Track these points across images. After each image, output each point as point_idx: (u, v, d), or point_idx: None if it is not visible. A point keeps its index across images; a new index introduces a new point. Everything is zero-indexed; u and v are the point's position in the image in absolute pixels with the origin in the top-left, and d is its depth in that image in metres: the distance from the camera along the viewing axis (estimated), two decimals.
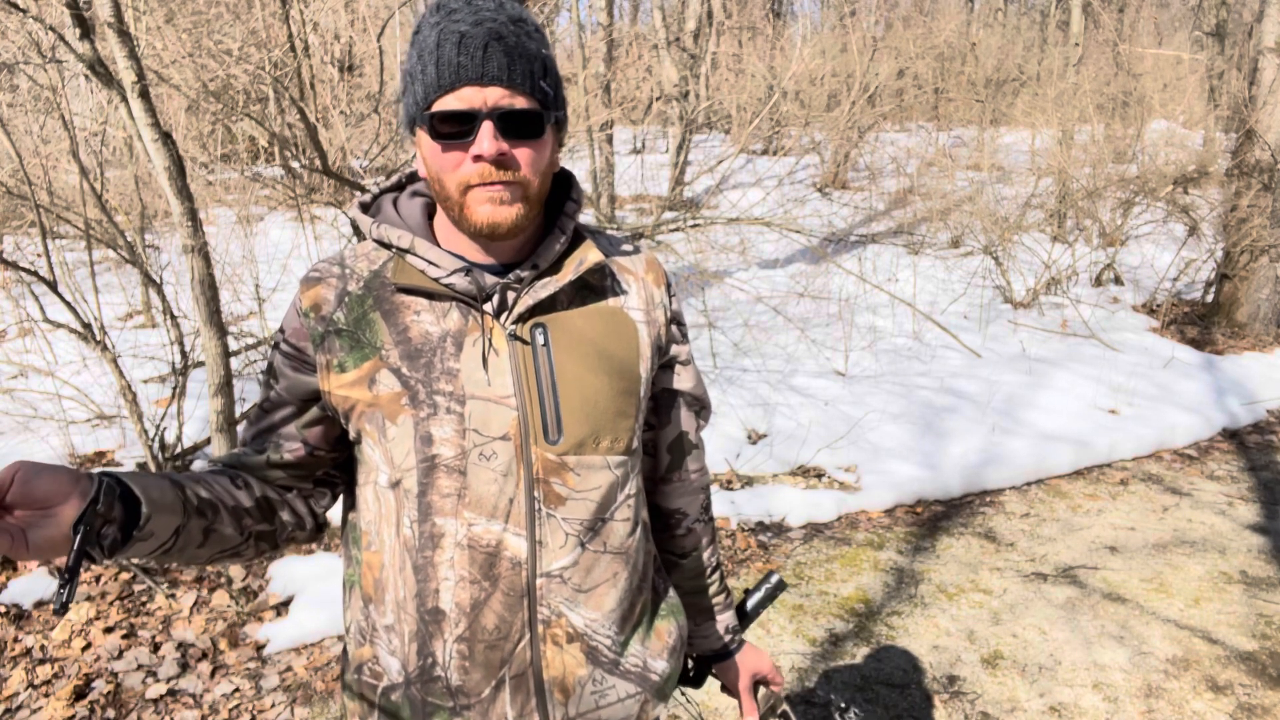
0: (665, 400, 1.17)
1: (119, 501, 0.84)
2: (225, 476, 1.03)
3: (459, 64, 0.90)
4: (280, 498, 1.08)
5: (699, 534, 1.26)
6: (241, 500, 1.02)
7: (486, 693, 1.01)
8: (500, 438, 0.97)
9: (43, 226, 3.81)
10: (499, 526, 0.98)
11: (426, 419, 0.97)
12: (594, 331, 1.03)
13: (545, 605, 1.00)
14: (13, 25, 4.33)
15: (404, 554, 1.00)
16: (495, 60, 0.91)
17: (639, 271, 1.11)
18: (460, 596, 0.98)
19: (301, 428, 1.05)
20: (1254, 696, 2.65)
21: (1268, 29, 6.40)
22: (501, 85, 0.91)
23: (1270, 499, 4.03)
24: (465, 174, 0.93)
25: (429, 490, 0.98)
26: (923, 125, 12.96)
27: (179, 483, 0.94)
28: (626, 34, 13.42)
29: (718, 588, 1.30)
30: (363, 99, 6.88)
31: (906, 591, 3.24)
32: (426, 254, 0.99)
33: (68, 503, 0.79)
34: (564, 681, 1.02)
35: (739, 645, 1.32)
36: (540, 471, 0.98)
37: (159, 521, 0.88)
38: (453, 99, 0.91)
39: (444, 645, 1.00)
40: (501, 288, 0.99)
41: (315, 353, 1.01)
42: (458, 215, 0.96)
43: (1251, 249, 6.31)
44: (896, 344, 5.90)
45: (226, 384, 3.00)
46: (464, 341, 0.98)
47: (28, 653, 2.77)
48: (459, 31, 0.91)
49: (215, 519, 0.97)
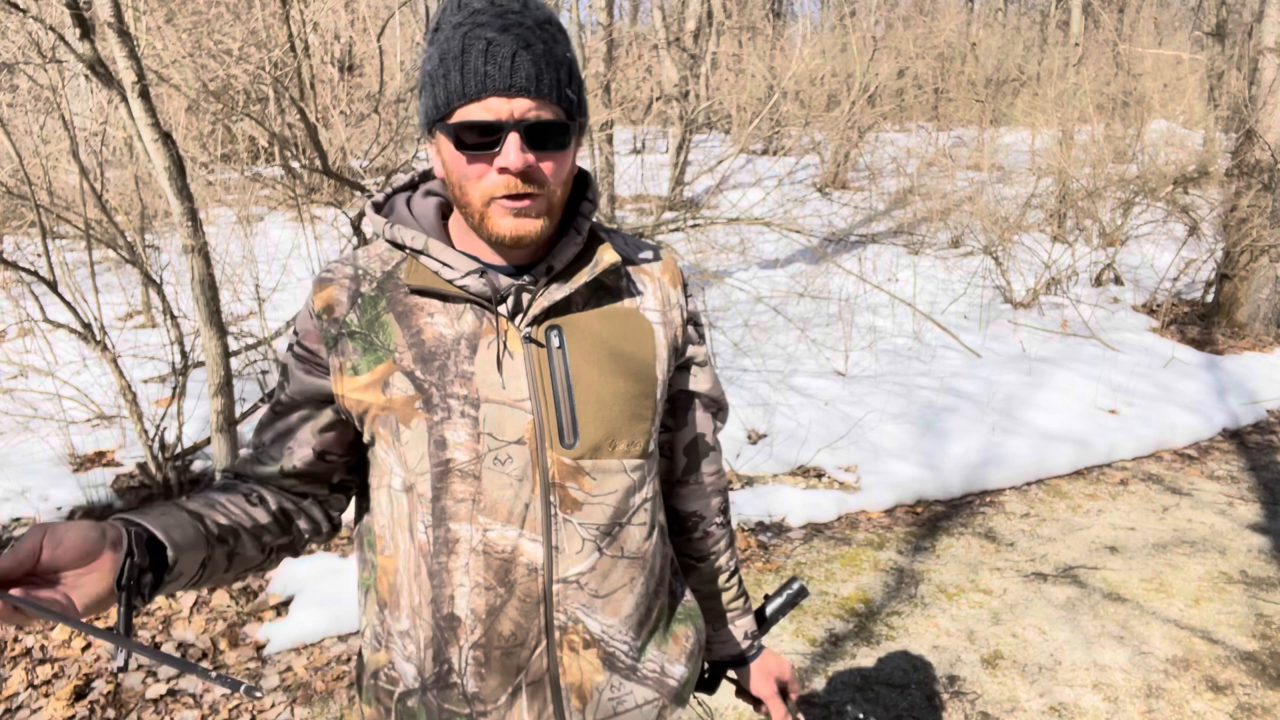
0: (682, 402, 1.15)
1: (146, 549, 0.83)
2: (239, 494, 1.02)
3: (486, 73, 0.88)
4: (296, 506, 1.07)
5: (716, 537, 1.24)
6: (259, 518, 1.01)
7: (503, 699, 1.00)
8: (515, 442, 0.96)
9: (43, 226, 3.81)
10: (514, 532, 0.96)
11: (440, 423, 0.96)
12: (609, 333, 1.02)
13: (562, 611, 0.99)
14: (13, 25, 4.33)
15: (419, 559, 0.99)
16: (523, 70, 0.88)
17: (655, 272, 1.10)
18: (476, 603, 0.97)
19: (316, 432, 1.04)
20: (1254, 696, 2.65)
21: (1268, 29, 6.40)
22: (529, 96, 0.88)
23: (1270, 499, 4.03)
24: (490, 185, 0.91)
25: (443, 495, 0.97)
26: (923, 125, 12.97)
27: (198, 514, 0.94)
28: (626, 34, 13.42)
29: (736, 592, 1.27)
30: (363, 99, 6.89)
31: (906, 591, 3.24)
32: (440, 255, 0.97)
33: (101, 558, 0.78)
34: (581, 688, 1.01)
35: (758, 651, 1.29)
36: (556, 476, 0.97)
37: (185, 561, 0.88)
38: (478, 108, 0.89)
39: (460, 652, 0.99)
40: (516, 290, 0.97)
41: (328, 355, 0.99)
42: (478, 223, 0.94)
43: (1251, 249, 6.31)
44: (896, 344, 5.90)
45: (226, 384, 3.00)
46: (478, 344, 0.97)
47: (28, 653, 2.76)
48: (486, 38, 0.88)
49: (237, 544, 0.97)
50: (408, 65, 7.37)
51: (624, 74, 10.58)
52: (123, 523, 0.83)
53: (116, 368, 3.56)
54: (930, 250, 7.93)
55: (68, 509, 3.56)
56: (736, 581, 1.28)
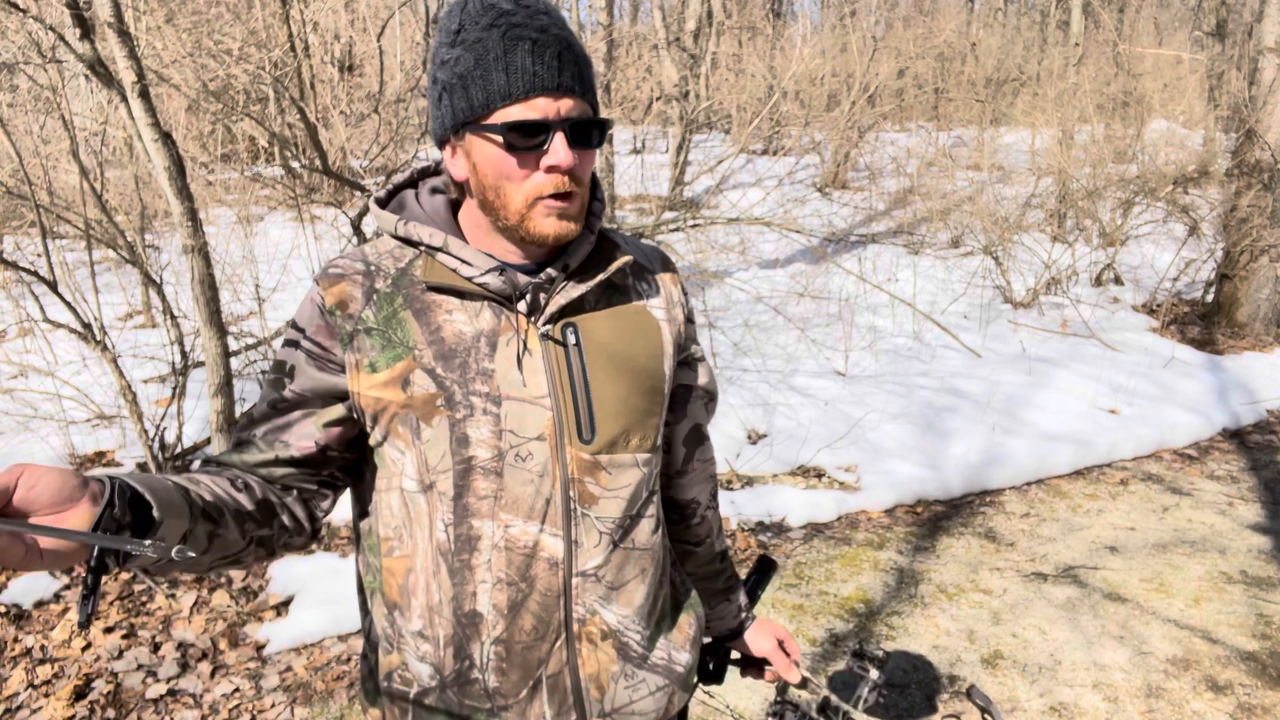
0: (681, 395, 1.18)
1: (129, 506, 0.79)
2: (224, 478, 0.99)
3: (535, 72, 0.88)
4: (280, 500, 1.03)
5: (710, 521, 1.29)
6: (243, 503, 0.97)
7: (524, 693, 1.01)
8: (536, 438, 0.97)
9: (43, 226, 3.81)
10: (535, 527, 0.98)
11: (463, 420, 0.96)
12: (621, 331, 1.04)
13: (580, 604, 1.01)
14: (13, 25, 4.33)
15: (438, 558, 0.99)
16: (569, 70, 0.90)
17: (658, 271, 1.12)
18: (498, 599, 0.98)
19: (321, 427, 1.01)
20: (1254, 696, 2.65)
21: (1268, 29, 6.40)
22: (573, 95, 0.91)
23: (1271, 499, 4.03)
24: (536, 185, 0.92)
25: (465, 493, 0.97)
26: (923, 125, 12.96)
27: (182, 486, 0.90)
28: (626, 34, 13.41)
29: (729, 571, 1.33)
30: (363, 99, 6.89)
31: (906, 591, 3.24)
32: (460, 253, 0.97)
33: (77, 506, 0.73)
34: (599, 679, 1.04)
35: (752, 619, 1.35)
36: (575, 471, 0.99)
37: (169, 526, 0.83)
38: (524, 108, 0.89)
39: (481, 648, 1.00)
40: (534, 288, 0.98)
41: (344, 352, 0.98)
42: (515, 224, 0.94)
43: (1251, 249, 6.31)
44: (896, 344, 5.90)
45: (226, 384, 3.00)
46: (497, 341, 0.97)
47: (28, 653, 2.76)
48: (530, 38, 0.88)
49: (220, 523, 0.93)
50: (408, 65, 7.36)
51: (624, 74, 10.58)
52: (106, 477, 0.79)
53: (116, 368, 3.56)
54: (930, 250, 7.93)
55: None
56: (729, 563, 1.33)
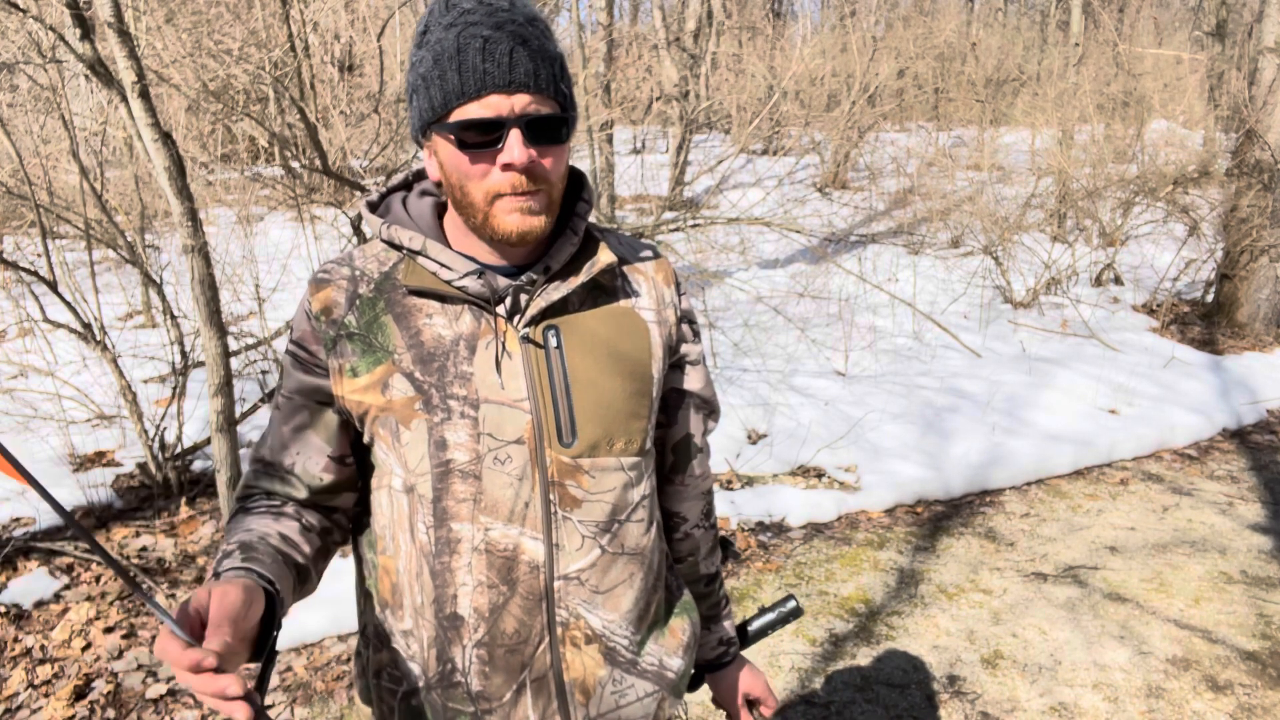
0: (673, 400, 1.16)
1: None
2: (291, 520, 1.03)
3: (485, 70, 0.88)
4: (330, 521, 1.08)
5: (697, 540, 1.24)
6: (315, 544, 1.04)
7: (508, 696, 1.00)
8: (514, 441, 0.97)
9: (43, 226, 3.81)
10: (515, 531, 0.97)
11: (441, 424, 0.96)
12: (606, 333, 1.03)
13: (564, 608, 1.00)
14: (13, 25, 4.33)
15: (420, 560, 0.99)
16: (522, 66, 0.89)
17: (649, 272, 1.10)
18: (479, 601, 0.98)
19: (327, 439, 1.04)
20: (1254, 696, 2.65)
21: (1268, 29, 6.40)
22: (528, 91, 0.89)
23: (1271, 499, 4.03)
24: (495, 183, 0.91)
25: (444, 496, 0.97)
26: (923, 125, 12.96)
27: (285, 556, 0.97)
28: (626, 34, 13.42)
29: (715, 597, 1.28)
30: (363, 99, 6.90)
31: (907, 591, 3.24)
32: (438, 256, 0.97)
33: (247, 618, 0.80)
34: (584, 683, 1.02)
35: (732, 659, 1.29)
36: (555, 474, 0.98)
37: (283, 613, 0.91)
38: (478, 106, 0.89)
39: (463, 651, 0.99)
40: (514, 290, 0.98)
41: (327, 357, 0.99)
42: (480, 222, 0.94)
43: (1251, 249, 6.31)
44: (897, 344, 5.90)
45: (226, 384, 3.00)
46: (477, 344, 0.97)
47: (28, 653, 2.76)
48: (482, 36, 0.88)
49: (307, 581, 1.01)
50: (407, 65, 7.36)
51: (624, 74, 10.58)
52: (260, 585, 0.86)
53: (116, 368, 3.56)
54: (930, 250, 7.93)
55: (68, 509, 3.56)
56: (716, 587, 1.28)
